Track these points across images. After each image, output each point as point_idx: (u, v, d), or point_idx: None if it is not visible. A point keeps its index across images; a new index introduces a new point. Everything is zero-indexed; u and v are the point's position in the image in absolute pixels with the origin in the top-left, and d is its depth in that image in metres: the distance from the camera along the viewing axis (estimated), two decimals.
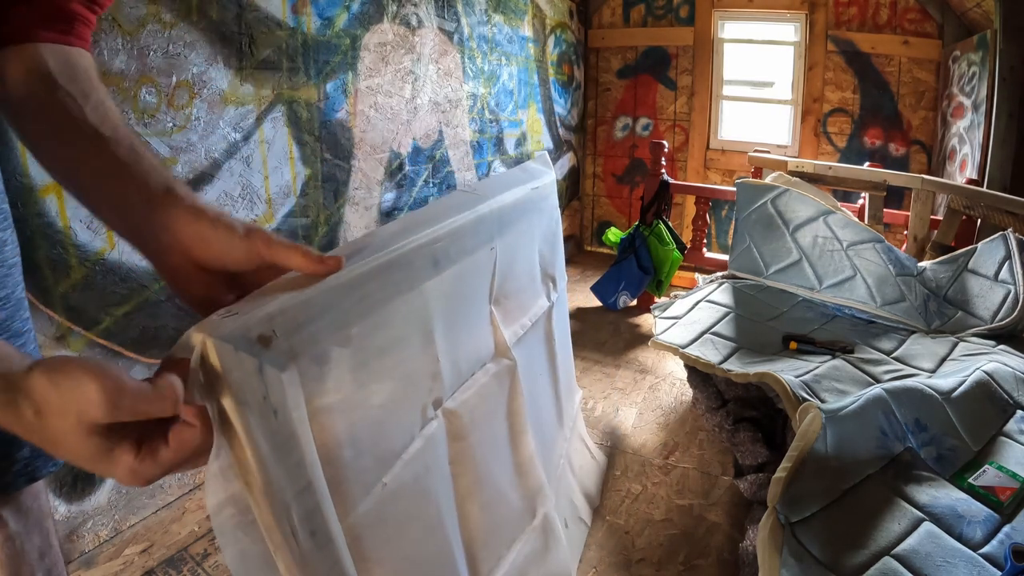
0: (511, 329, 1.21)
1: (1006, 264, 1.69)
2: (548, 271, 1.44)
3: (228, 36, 1.63)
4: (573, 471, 1.56)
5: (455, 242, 0.94)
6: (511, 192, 1.22)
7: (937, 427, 1.17)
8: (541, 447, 1.25)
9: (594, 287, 3.09)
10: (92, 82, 0.56)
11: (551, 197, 1.47)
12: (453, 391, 0.97)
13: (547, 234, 1.44)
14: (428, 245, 0.86)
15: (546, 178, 1.44)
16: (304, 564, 0.55)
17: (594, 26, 3.93)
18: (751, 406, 1.50)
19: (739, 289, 1.94)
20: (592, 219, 4.24)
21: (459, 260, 0.96)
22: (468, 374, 1.03)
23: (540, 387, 1.36)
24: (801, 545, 0.94)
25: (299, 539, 0.55)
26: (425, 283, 0.85)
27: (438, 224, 0.91)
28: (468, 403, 1.00)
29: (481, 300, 1.10)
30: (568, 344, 1.65)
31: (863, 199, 2.40)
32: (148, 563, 1.41)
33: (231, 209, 1.70)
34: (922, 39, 3.15)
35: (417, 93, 2.42)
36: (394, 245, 0.78)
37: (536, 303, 1.37)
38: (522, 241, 1.28)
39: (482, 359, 1.09)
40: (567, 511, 1.43)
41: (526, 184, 1.31)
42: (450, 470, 0.95)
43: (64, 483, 1.37)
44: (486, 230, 1.07)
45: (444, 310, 0.91)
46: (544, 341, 1.40)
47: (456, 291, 0.97)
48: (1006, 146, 2.40)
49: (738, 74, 3.76)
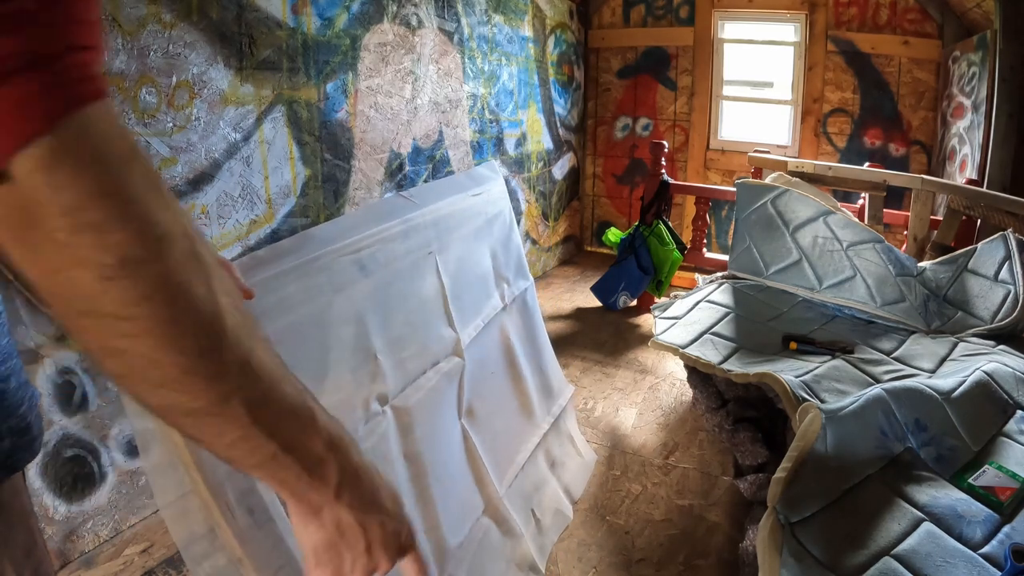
0: (466, 330, 1.27)
1: (1006, 264, 1.69)
2: (501, 272, 1.49)
3: (228, 36, 1.63)
4: (551, 465, 1.59)
5: (383, 248, 1.00)
6: (450, 199, 1.28)
7: (937, 427, 1.17)
8: (492, 441, 1.30)
9: (594, 287, 3.09)
10: None
11: (500, 202, 1.52)
12: (402, 388, 1.02)
13: (499, 238, 1.50)
14: (353, 251, 0.92)
15: (493, 184, 1.50)
16: (244, 540, 0.59)
17: (594, 26, 3.93)
18: (751, 406, 1.50)
19: (739, 289, 1.94)
20: (592, 219, 4.25)
21: (389, 265, 1.01)
22: (418, 372, 1.08)
23: (496, 384, 1.40)
24: (801, 545, 0.94)
25: (235, 515, 0.58)
26: (352, 286, 0.90)
27: (365, 231, 0.97)
28: (420, 400, 1.04)
29: (431, 302, 1.16)
30: (543, 343, 1.68)
31: (863, 199, 2.40)
32: (148, 563, 1.41)
33: (231, 209, 1.70)
34: (922, 39, 3.15)
35: (417, 93, 2.42)
36: (319, 251, 0.84)
37: (488, 304, 1.42)
38: (468, 246, 1.34)
39: (435, 358, 1.14)
40: (537, 502, 1.47)
41: (467, 191, 1.37)
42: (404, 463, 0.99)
43: (64, 483, 1.37)
44: (420, 236, 1.13)
45: (378, 311, 0.97)
46: (500, 341, 1.45)
47: (393, 293, 1.02)
48: (1006, 146, 2.40)
49: (738, 74, 3.75)
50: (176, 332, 0.32)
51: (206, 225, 1.64)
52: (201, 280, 0.33)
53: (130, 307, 0.30)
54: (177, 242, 0.32)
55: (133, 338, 0.31)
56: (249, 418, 0.38)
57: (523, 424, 1.50)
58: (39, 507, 1.32)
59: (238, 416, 0.37)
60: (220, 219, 1.68)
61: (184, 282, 0.32)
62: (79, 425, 1.39)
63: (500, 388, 1.43)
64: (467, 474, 1.21)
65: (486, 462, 1.25)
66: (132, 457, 1.51)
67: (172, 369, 0.33)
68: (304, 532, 0.48)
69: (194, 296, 0.33)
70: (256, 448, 0.40)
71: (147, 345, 0.32)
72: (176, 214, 0.32)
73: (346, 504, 0.46)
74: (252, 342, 0.38)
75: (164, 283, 0.31)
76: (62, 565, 1.38)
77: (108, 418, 1.45)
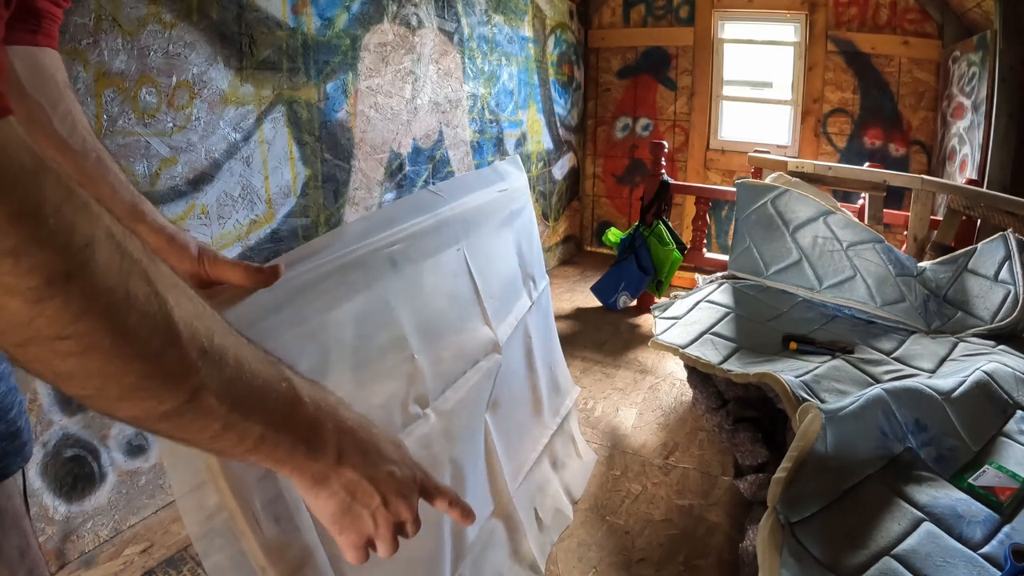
0: (501, 327, 1.25)
1: (1006, 264, 1.69)
2: (527, 270, 1.48)
3: (228, 36, 1.63)
4: (554, 465, 1.59)
5: (414, 244, 0.98)
6: (477, 194, 1.26)
7: (937, 427, 1.17)
8: (508, 440, 1.29)
9: (594, 287, 3.09)
10: (60, 89, 0.56)
11: (522, 198, 1.51)
12: (442, 390, 1.00)
13: (523, 234, 1.48)
14: (385, 247, 0.91)
15: (517, 180, 1.48)
16: (270, 550, 0.57)
17: (594, 26, 3.93)
18: (751, 406, 1.50)
19: (739, 289, 1.94)
20: (592, 219, 4.25)
21: (420, 261, 0.99)
22: (458, 373, 1.06)
23: (516, 384, 1.40)
24: (801, 545, 0.94)
25: (262, 525, 0.57)
26: (383, 283, 0.89)
27: (396, 227, 0.95)
28: (461, 401, 1.03)
29: (464, 300, 1.14)
30: (555, 342, 1.67)
31: (863, 199, 2.40)
32: (148, 563, 1.41)
33: (231, 209, 1.71)
34: (922, 39, 3.15)
35: (417, 93, 2.42)
36: (351, 247, 0.83)
37: (519, 302, 1.41)
38: (496, 242, 1.32)
39: (474, 357, 1.12)
40: (540, 502, 1.47)
41: (493, 186, 1.35)
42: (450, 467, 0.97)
43: (64, 483, 1.37)
44: (450, 232, 1.11)
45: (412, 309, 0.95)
46: (523, 339, 1.44)
47: (425, 291, 1.00)
48: (1006, 146, 2.40)
49: (738, 74, 3.75)
50: (124, 340, 0.31)
51: (206, 225, 1.64)
52: (138, 279, 0.32)
53: (69, 326, 0.29)
54: (101, 247, 0.30)
55: (81, 356, 0.30)
56: (224, 407, 0.36)
57: (535, 424, 1.50)
58: (39, 507, 1.32)
59: (212, 407, 0.36)
60: (220, 219, 1.68)
61: (118, 286, 0.30)
62: (79, 425, 1.39)
63: (520, 388, 1.42)
64: (483, 471, 1.21)
65: (502, 460, 1.25)
66: (132, 457, 1.51)
67: (130, 378, 0.32)
68: (316, 504, 0.47)
69: (133, 298, 0.31)
70: (242, 434, 0.38)
71: (97, 360, 0.30)
72: (95, 217, 0.30)
73: (350, 465, 0.45)
74: (209, 328, 0.36)
75: (98, 293, 0.29)
76: (62, 565, 1.38)
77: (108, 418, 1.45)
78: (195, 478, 0.55)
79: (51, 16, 0.57)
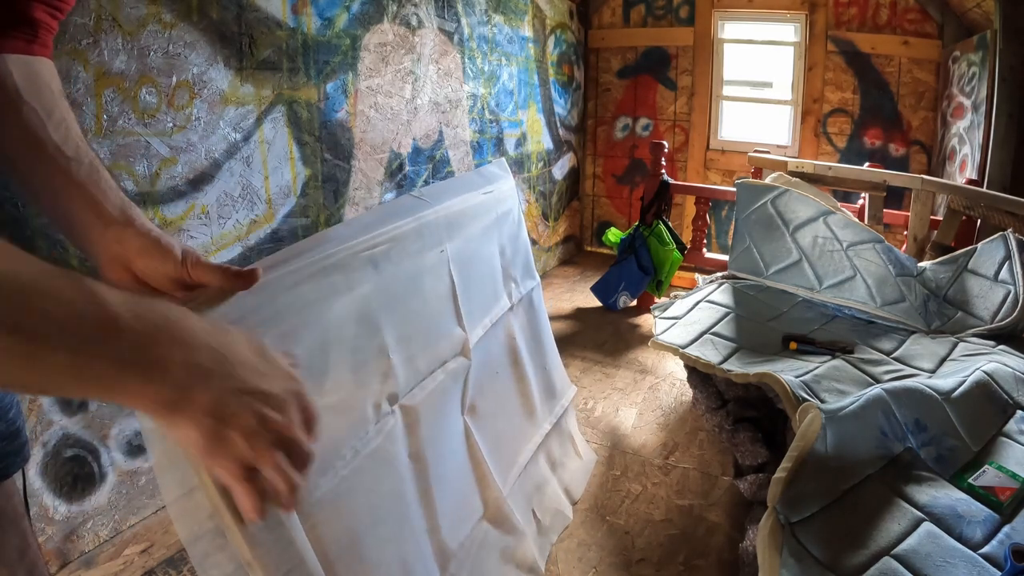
0: (475, 329, 1.26)
1: (1006, 264, 1.69)
2: (509, 272, 1.49)
3: (228, 36, 1.63)
4: (552, 465, 1.59)
5: (396, 246, 0.99)
6: (462, 197, 1.27)
7: (937, 427, 1.17)
8: (495, 442, 1.30)
9: (594, 287, 3.09)
10: (55, 97, 0.57)
11: (509, 200, 1.52)
12: (411, 388, 1.01)
13: (508, 236, 1.49)
14: (366, 249, 0.91)
15: (503, 183, 1.49)
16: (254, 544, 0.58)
17: (594, 26, 3.93)
18: (751, 406, 1.50)
19: (739, 289, 1.94)
20: (592, 219, 4.25)
21: (401, 263, 1.00)
22: (427, 371, 1.07)
23: (499, 384, 1.40)
24: (801, 545, 0.94)
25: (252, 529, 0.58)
26: (363, 284, 0.90)
27: (378, 230, 0.96)
28: (426, 399, 1.04)
29: (441, 301, 1.15)
30: (548, 342, 1.68)
31: (863, 199, 2.40)
32: (148, 563, 1.41)
33: (231, 209, 1.70)
34: (922, 39, 3.15)
35: (417, 93, 2.42)
36: (332, 249, 0.84)
37: (497, 304, 1.42)
38: (478, 244, 1.33)
39: (443, 357, 1.13)
40: (538, 503, 1.47)
41: (479, 189, 1.36)
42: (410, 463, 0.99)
43: (64, 483, 1.37)
44: (433, 234, 1.12)
45: (391, 309, 0.96)
46: (505, 341, 1.45)
47: (405, 292, 1.02)
48: (1006, 146, 2.40)
49: (738, 74, 3.75)
50: None
51: (206, 225, 1.64)
52: None
53: None
54: None
55: None
56: None
57: (526, 424, 1.51)
58: (39, 507, 1.32)
59: None
60: (220, 219, 1.68)
61: None
62: (79, 425, 1.39)
63: (504, 389, 1.43)
64: (469, 474, 1.21)
65: (489, 462, 1.25)
66: (132, 457, 1.51)
67: None
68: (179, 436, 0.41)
69: None
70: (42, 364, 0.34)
71: None
72: None
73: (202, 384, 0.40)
74: None
75: None
76: (62, 565, 1.38)
77: (108, 418, 1.45)
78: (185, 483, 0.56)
79: (47, 26, 0.58)
